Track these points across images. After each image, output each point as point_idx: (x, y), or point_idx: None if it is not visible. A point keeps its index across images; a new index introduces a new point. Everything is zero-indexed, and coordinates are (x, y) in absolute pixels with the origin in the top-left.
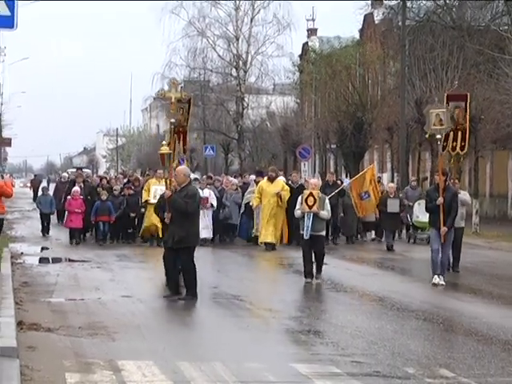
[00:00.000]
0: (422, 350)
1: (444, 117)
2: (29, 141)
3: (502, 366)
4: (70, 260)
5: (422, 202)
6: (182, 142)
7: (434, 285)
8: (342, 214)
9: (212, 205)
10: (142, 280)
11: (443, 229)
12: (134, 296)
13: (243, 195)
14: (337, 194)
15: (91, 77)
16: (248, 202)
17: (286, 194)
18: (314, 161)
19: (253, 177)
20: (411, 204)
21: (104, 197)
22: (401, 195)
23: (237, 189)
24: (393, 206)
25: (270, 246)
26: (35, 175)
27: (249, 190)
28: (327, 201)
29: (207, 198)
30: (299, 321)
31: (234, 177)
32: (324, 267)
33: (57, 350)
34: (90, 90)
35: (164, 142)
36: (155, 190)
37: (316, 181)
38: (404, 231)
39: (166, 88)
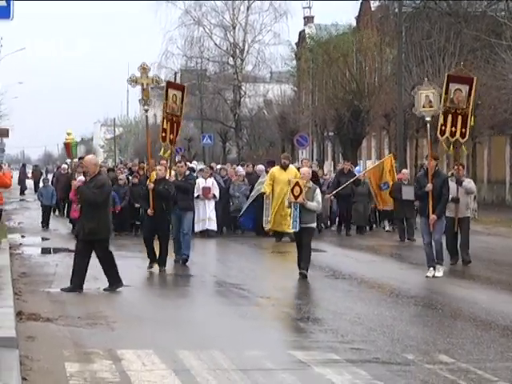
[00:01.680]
0: (422, 336)
1: (433, 98)
2: (26, 131)
3: (501, 351)
4: (68, 250)
5: None
6: (174, 132)
7: (428, 277)
8: (354, 202)
9: (214, 195)
10: (140, 270)
11: (432, 217)
12: (132, 285)
13: (251, 186)
14: (352, 183)
15: (88, 67)
16: (260, 195)
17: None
18: (312, 149)
19: (261, 167)
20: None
21: None
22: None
23: (243, 180)
24: (408, 193)
25: (279, 236)
26: (35, 166)
27: (260, 180)
28: (318, 191)
29: (209, 188)
30: (298, 308)
31: (242, 165)
32: (323, 255)
33: (56, 340)
34: (87, 79)
35: (69, 131)
36: None
37: (307, 170)
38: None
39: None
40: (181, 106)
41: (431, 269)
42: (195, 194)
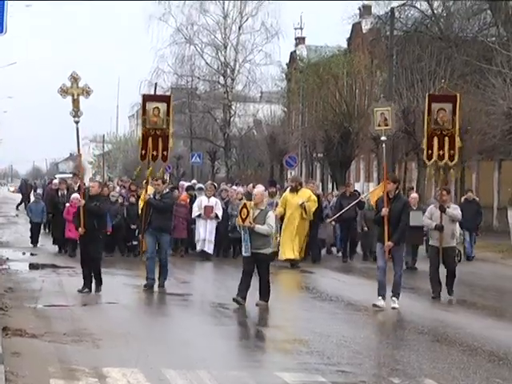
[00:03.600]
0: (408, 360)
1: (389, 116)
2: (14, 146)
3: (487, 377)
4: (55, 266)
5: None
6: (159, 148)
7: (375, 306)
8: (365, 228)
9: (217, 215)
10: (127, 287)
11: (387, 244)
12: (119, 302)
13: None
14: (355, 207)
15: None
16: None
17: (312, 205)
18: (301, 169)
19: (260, 186)
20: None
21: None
22: (424, 207)
23: (241, 198)
24: (415, 218)
25: (294, 264)
26: (25, 180)
27: None
28: (270, 214)
29: (212, 208)
30: (284, 330)
31: (236, 185)
32: (311, 276)
33: (41, 357)
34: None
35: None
36: None
37: (260, 191)
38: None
39: None
40: (167, 119)
41: (380, 298)
42: (197, 213)
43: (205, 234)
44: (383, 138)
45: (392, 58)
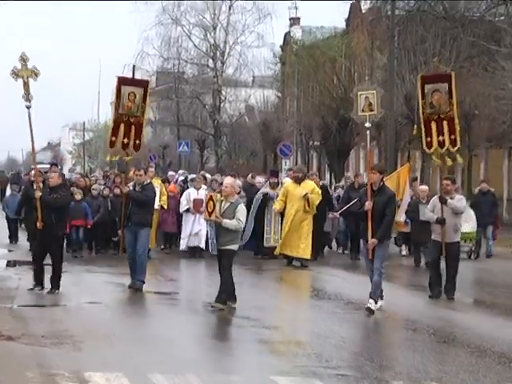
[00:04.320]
0: (412, 363)
1: (374, 100)
2: None
3: (498, 381)
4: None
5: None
6: (131, 136)
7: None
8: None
9: None
10: (109, 285)
11: (371, 241)
12: (101, 302)
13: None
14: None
15: (57, 67)
16: (259, 207)
17: (316, 198)
18: (296, 159)
19: (260, 179)
20: None
21: (79, 196)
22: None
23: (240, 192)
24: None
25: (300, 262)
26: (1, 171)
27: (260, 191)
28: (240, 207)
29: (202, 201)
30: (279, 330)
31: (233, 176)
32: (308, 273)
33: (18, 360)
34: (55, 81)
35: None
36: None
37: (230, 182)
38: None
39: None
40: (142, 105)
41: (371, 301)
42: (185, 207)
43: (192, 229)
44: (367, 125)
45: (393, 39)
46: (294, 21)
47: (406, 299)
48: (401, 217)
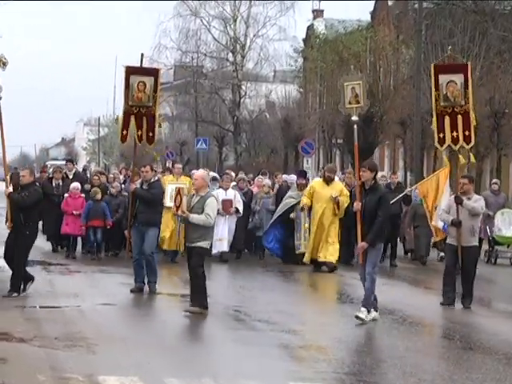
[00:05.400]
0: (437, 370)
1: (360, 91)
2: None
3: None
4: (45, 263)
5: (507, 212)
6: (143, 128)
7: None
8: (415, 227)
9: (237, 210)
10: (125, 287)
11: (360, 245)
12: (116, 304)
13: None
14: (401, 201)
15: (72, 62)
16: (287, 211)
17: (345, 201)
18: (318, 157)
19: (287, 176)
20: (491, 214)
21: (98, 196)
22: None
23: (268, 192)
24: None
25: (329, 266)
26: (15, 168)
27: (289, 193)
28: (210, 201)
29: (231, 201)
30: (300, 335)
31: (262, 174)
32: (332, 276)
33: (30, 363)
34: (70, 75)
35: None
36: (172, 189)
37: (201, 175)
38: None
39: None
40: (154, 95)
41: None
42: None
43: (219, 233)
44: (354, 118)
45: (420, 33)
46: (318, 13)
47: (432, 305)
48: (437, 223)
